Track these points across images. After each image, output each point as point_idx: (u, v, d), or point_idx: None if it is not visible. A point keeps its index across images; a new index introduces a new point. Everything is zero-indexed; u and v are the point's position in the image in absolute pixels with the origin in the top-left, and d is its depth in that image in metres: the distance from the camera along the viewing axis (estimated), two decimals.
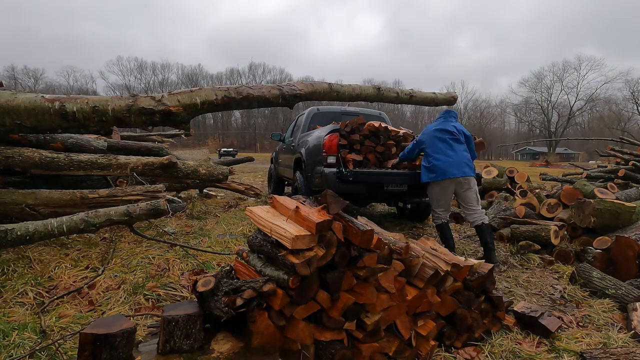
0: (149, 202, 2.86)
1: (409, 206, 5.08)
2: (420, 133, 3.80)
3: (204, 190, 6.40)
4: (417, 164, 4.25)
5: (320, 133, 4.30)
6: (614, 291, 2.66)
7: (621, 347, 1.93)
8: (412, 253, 1.95)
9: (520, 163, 41.88)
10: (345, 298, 1.60)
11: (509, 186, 5.79)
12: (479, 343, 2.00)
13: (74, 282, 2.44)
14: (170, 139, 7.48)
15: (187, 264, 2.78)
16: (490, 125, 74.59)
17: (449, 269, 1.97)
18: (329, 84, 3.84)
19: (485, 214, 3.64)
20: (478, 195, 3.56)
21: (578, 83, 58.81)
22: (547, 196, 5.05)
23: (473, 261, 2.10)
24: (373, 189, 4.00)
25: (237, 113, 67.29)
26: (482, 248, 3.52)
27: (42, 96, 2.80)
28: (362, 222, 2.00)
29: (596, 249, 3.41)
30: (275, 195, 1.93)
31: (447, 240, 3.55)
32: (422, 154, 3.77)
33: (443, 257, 2.04)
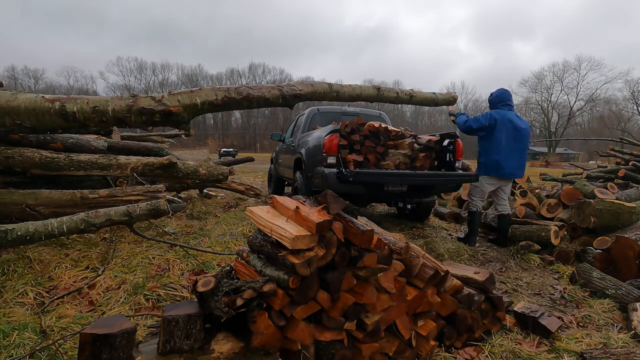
0: (149, 202, 2.86)
1: (409, 206, 5.08)
2: (492, 110, 3.88)
3: (204, 191, 6.40)
4: (418, 165, 4.26)
5: (320, 133, 4.30)
6: (614, 291, 2.66)
7: (621, 347, 1.93)
8: (412, 253, 1.95)
9: None
10: (345, 298, 1.60)
11: None
12: (479, 343, 2.00)
13: (74, 282, 2.44)
14: (170, 139, 7.47)
15: (187, 264, 2.78)
16: None
17: (449, 269, 1.97)
18: (329, 84, 3.84)
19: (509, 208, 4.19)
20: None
21: (578, 83, 58.86)
22: (547, 196, 5.05)
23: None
24: (373, 189, 4.00)
25: (237, 113, 67.25)
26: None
27: (42, 96, 2.80)
28: (362, 222, 2.00)
29: (596, 249, 3.41)
30: (275, 196, 1.93)
31: (475, 226, 4.04)
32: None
33: None
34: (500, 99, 3.91)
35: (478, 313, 2.06)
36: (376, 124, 4.22)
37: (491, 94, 4.03)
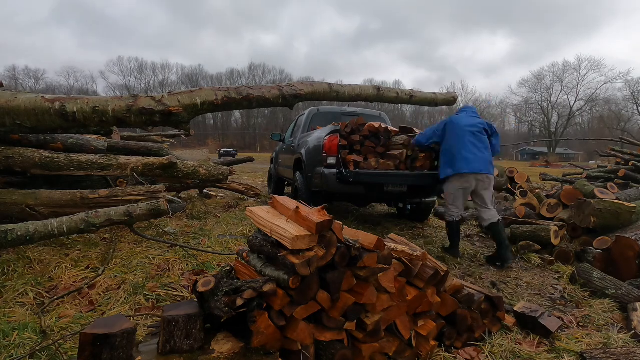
0: (149, 202, 2.85)
1: (409, 207, 5.08)
2: (448, 121, 3.66)
3: (204, 191, 6.40)
4: (418, 165, 4.25)
5: (320, 134, 4.30)
6: (614, 291, 2.66)
7: (621, 348, 1.93)
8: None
9: (520, 163, 41.87)
10: (345, 298, 1.60)
11: (509, 186, 5.79)
12: (479, 343, 2.00)
13: (74, 282, 2.44)
14: (170, 140, 7.46)
15: (187, 264, 2.78)
16: None
17: (449, 269, 1.97)
18: (329, 84, 3.84)
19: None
20: (493, 196, 3.64)
21: (578, 83, 58.90)
22: (547, 196, 5.05)
23: None
24: (373, 190, 4.00)
25: (237, 113, 67.28)
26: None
27: (43, 96, 2.80)
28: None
29: (596, 249, 3.41)
30: (276, 196, 1.93)
31: (454, 237, 3.67)
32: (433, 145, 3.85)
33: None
34: (458, 111, 3.89)
35: (478, 313, 2.06)
36: (376, 124, 4.22)
37: None
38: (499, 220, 3.50)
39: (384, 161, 4.13)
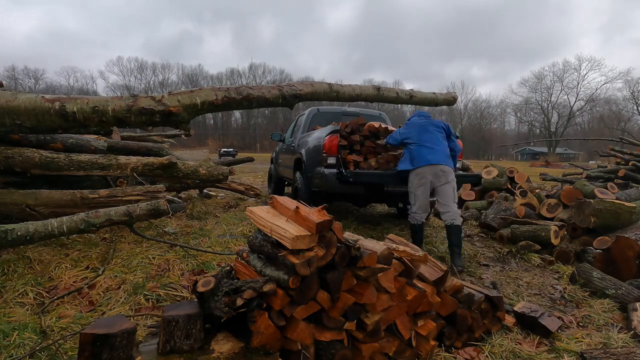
0: (149, 202, 2.85)
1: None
2: (407, 121, 3.77)
3: (204, 191, 6.40)
4: None
5: (320, 134, 4.30)
6: (614, 291, 2.66)
7: (621, 347, 1.93)
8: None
9: (520, 163, 41.86)
10: (345, 298, 1.60)
11: (509, 186, 5.79)
12: (479, 343, 2.00)
13: (74, 282, 2.44)
14: (170, 139, 7.45)
15: (187, 264, 2.78)
16: (490, 126, 74.69)
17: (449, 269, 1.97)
18: (329, 84, 3.84)
19: (461, 216, 3.56)
20: (456, 193, 3.43)
21: (578, 83, 58.98)
22: (547, 196, 5.05)
23: None
24: (373, 190, 4.01)
25: (237, 113, 67.32)
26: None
27: (42, 96, 2.80)
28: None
29: (596, 249, 3.41)
30: (275, 196, 1.93)
31: (415, 242, 3.43)
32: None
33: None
34: (415, 114, 3.83)
35: (478, 313, 2.06)
36: (376, 124, 4.22)
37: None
38: (453, 223, 3.28)
39: (384, 161, 4.13)
